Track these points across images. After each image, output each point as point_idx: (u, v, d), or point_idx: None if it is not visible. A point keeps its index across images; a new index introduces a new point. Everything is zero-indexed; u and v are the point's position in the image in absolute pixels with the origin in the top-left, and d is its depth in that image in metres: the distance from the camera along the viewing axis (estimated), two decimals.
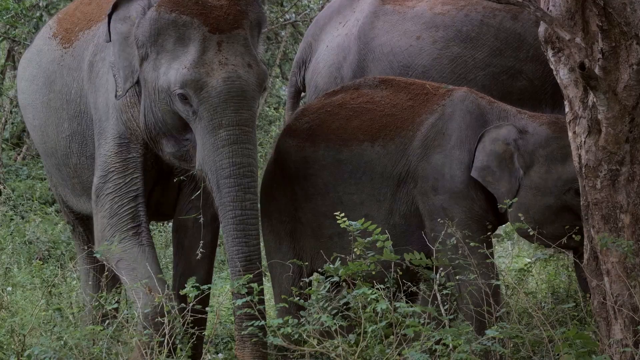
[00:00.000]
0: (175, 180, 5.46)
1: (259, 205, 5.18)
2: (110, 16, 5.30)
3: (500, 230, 6.37)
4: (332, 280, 4.92)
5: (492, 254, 5.17)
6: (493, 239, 5.38)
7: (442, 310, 4.76)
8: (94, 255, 5.55)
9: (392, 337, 4.60)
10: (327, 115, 5.53)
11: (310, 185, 5.46)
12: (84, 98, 5.65)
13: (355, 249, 4.90)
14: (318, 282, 5.36)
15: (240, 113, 5.07)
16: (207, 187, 5.19)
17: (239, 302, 4.84)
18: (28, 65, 6.23)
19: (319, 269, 5.17)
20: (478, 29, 6.05)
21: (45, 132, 6.00)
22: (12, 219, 8.77)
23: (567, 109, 4.67)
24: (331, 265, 4.87)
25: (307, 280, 5.06)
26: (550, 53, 4.67)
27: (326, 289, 4.94)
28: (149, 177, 5.48)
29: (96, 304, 5.39)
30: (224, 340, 6.00)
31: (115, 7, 5.30)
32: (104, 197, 5.42)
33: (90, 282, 6.12)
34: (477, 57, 6.03)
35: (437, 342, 4.59)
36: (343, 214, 4.92)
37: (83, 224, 6.29)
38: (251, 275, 4.89)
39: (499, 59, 6.00)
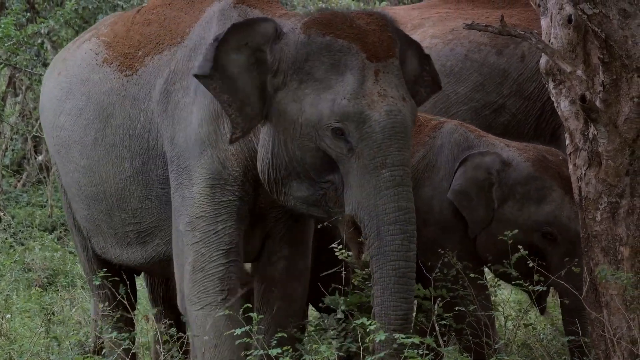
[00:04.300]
0: (319, 226, 4.74)
1: None
2: (217, 47, 4.43)
3: None
4: (335, 316, 4.70)
5: (485, 285, 5.05)
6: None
7: (441, 341, 4.59)
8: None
9: None
10: None
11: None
12: (154, 132, 4.84)
13: (353, 280, 4.71)
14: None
15: (403, 152, 4.34)
16: (362, 233, 4.38)
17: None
18: (68, 97, 5.20)
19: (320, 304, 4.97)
20: (462, 63, 5.92)
21: (96, 173, 5.07)
22: (11, 246, 8.56)
23: (567, 141, 4.55)
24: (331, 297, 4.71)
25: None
26: (551, 85, 4.56)
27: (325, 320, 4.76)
28: (243, 225, 4.68)
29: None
30: None
31: (227, 35, 4.44)
32: (188, 248, 4.64)
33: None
34: (459, 91, 5.89)
35: None
36: (341, 246, 4.72)
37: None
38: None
39: (482, 94, 5.87)
